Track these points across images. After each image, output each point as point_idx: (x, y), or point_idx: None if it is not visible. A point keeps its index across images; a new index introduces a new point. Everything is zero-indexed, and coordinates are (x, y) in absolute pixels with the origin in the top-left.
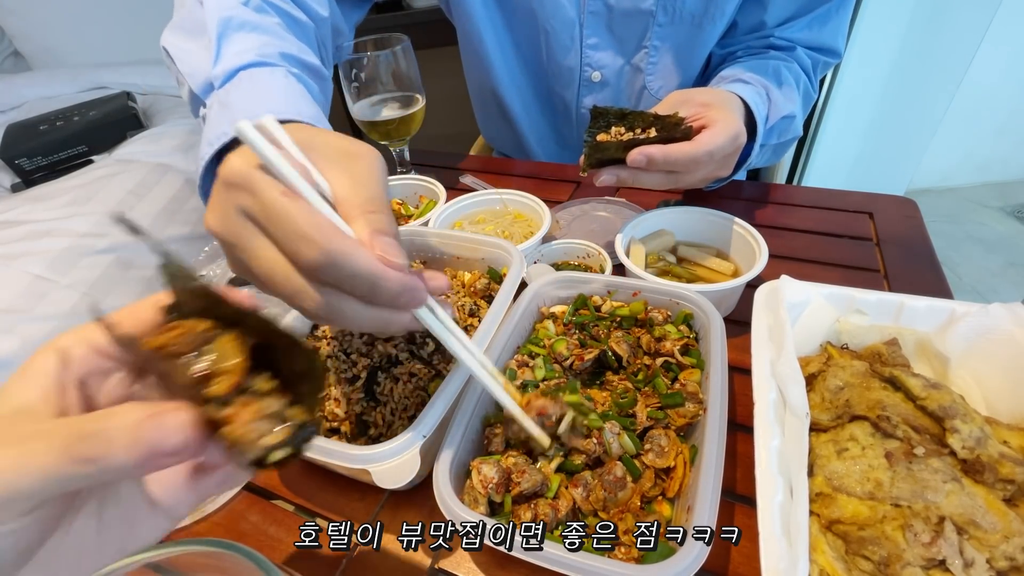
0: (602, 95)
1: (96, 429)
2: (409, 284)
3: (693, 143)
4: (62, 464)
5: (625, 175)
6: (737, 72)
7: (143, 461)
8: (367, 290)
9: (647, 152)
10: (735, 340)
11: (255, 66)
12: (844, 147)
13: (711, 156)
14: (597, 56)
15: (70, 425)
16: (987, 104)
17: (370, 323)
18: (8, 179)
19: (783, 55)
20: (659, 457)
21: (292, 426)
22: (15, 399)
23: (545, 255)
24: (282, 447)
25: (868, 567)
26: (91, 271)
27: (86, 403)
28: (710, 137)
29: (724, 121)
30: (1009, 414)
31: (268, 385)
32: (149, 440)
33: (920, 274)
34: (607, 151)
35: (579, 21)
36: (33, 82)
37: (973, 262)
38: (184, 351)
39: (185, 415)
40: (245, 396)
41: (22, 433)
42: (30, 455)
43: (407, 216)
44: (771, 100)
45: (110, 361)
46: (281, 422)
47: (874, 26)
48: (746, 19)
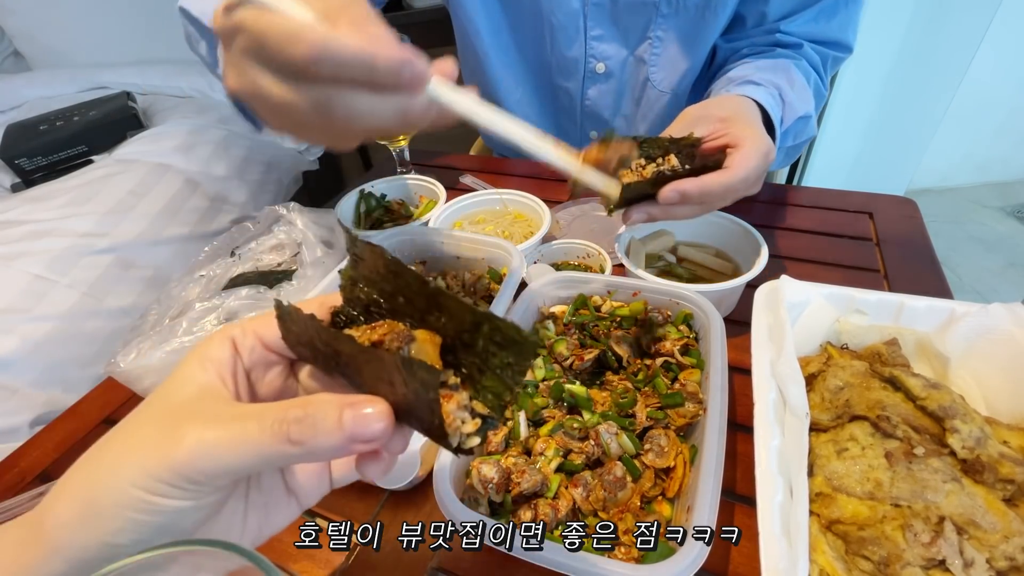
0: (606, 86)
1: (304, 414)
2: (405, 57)
3: (727, 172)
4: (275, 444)
5: (657, 212)
6: (746, 72)
7: (344, 445)
8: (367, 73)
9: (681, 189)
10: (735, 340)
11: None
12: (844, 147)
13: (745, 181)
14: (601, 47)
15: (278, 409)
16: (987, 104)
17: (392, 114)
18: (8, 179)
19: (791, 52)
20: (659, 457)
21: (482, 416)
22: (197, 380)
23: (545, 255)
24: (476, 434)
25: (868, 567)
26: (91, 271)
27: (251, 391)
28: (742, 161)
29: (752, 139)
30: (1009, 414)
31: (455, 380)
32: (353, 427)
33: (920, 274)
34: (638, 190)
35: (583, 12)
36: (33, 82)
37: (973, 262)
38: (393, 348)
39: (383, 406)
40: (445, 390)
41: (228, 413)
42: (244, 433)
43: (407, 216)
44: (785, 102)
45: (272, 354)
46: (470, 414)
47: (874, 26)
48: (750, 12)
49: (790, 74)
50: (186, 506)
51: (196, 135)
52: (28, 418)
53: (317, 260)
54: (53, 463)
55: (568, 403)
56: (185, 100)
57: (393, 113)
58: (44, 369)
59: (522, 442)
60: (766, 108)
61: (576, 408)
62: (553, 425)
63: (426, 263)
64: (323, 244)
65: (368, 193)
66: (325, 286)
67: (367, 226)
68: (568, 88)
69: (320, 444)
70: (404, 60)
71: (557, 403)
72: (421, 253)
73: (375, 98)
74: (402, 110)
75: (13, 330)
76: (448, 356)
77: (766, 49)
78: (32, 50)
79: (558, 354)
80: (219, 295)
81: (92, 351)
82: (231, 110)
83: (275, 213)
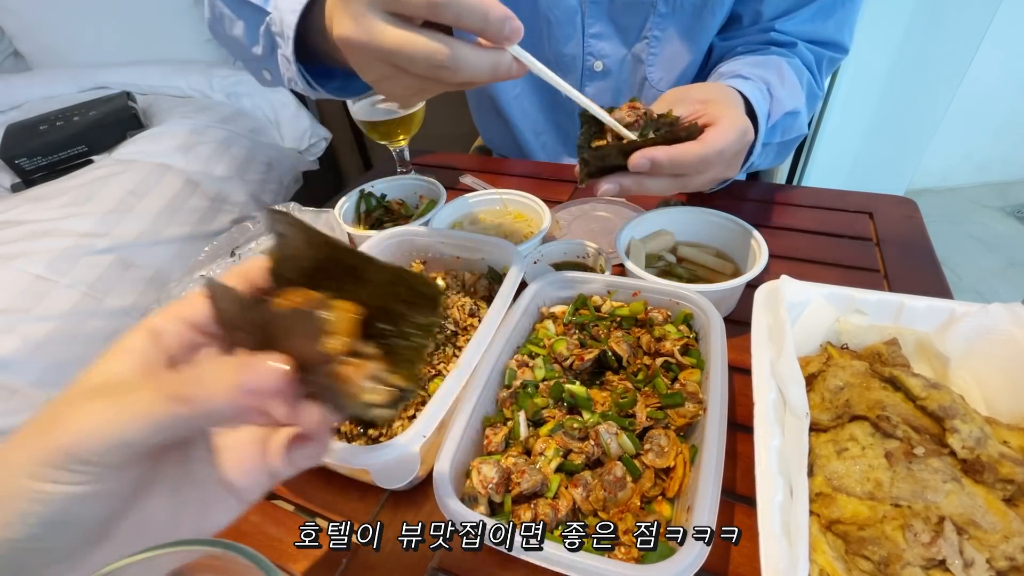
0: (604, 84)
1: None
2: (509, 13)
3: (700, 142)
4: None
5: (628, 183)
6: (735, 67)
7: (237, 401)
8: (480, 20)
9: (650, 155)
10: (735, 340)
11: None
12: (844, 147)
13: (720, 155)
14: (599, 45)
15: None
16: (987, 104)
17: (485, 66)
18: (8, 179)
19: (784, 51)
20: (659, 457)
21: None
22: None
23: (545, 255)
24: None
25: (868, 567)
26: (91, 271)
27: None
28: (717, 134)
29: (729, 116)
30: (1009, 414)
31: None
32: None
33: (920, 274)
34: (606, 158)
35: (581, 10)
36: (33, 82)
37: (973, 262)
38: None
39: (278, 359)
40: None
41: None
42: (131, 404)
43: (407, 216)
44: (773, 96)
45: (201, 336)
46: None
47: (874, 26)
48: (746, 10)
49: (781, 70)
50: (80, 491)
51: (196, 135)
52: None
53: None
54: None
55: (568, 403)
56: (185, 100)
57: (488, 65)
58: (44, 369)
59: (522, 442)
60: (750, 100)
61: (576, 408)
62: (553, 425)
63: (426, 263)
64: None
65: (368, 193)
66: None
67: (367, 226)
68: None
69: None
70: (508, 16)
71: (557, 403)
72: (421, 253)
73: (476, 50)
74: (494, 63)
75: (13, 330)
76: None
77: (760, 47)
78: (32, 50)
79: (558, 354)
80: None
81: (92, 351)
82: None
83: None
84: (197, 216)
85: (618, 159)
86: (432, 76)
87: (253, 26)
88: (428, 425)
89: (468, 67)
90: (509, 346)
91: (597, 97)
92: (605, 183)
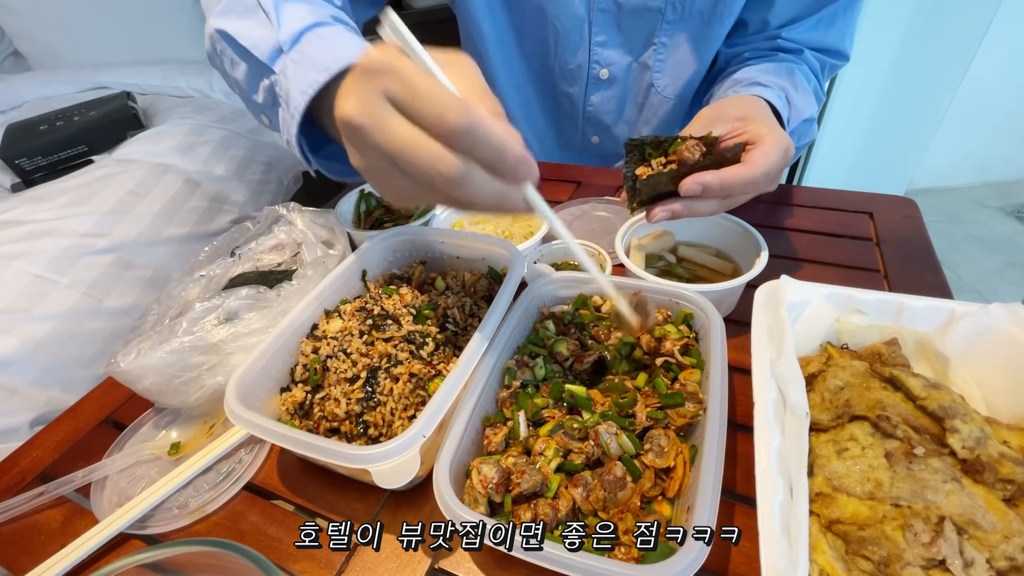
0: (609, 92)
1: None
2: (527, 157)
3: (748, 165)
4: None
5: (679, 207)
6: (752, 75)
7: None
8: (496, 157)
9: (702, 180)
10: (735, 340)
11: (317, 26)
12: (844, 147)
13: (767, 176)
14: (605, 54)
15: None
16: (987, 104)
17: (492, 196)
18: (8, 179)
19: (792, 57)
20: (659, 457)
21: None
22: None
23: (545, 255)
24: None
25: (868, 567)
26: (91, 271)
27: None
28: (763, 156)
29: (771, 136)
30: (1009, 414)
31: None
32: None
33: (920, 274)
34: (657, 185)
35: (588, 18)
36: (33, 82)
37: (973, 262)
38: None
39: None
40: None
41: None
42: None
43: (407, 216)
44: (791, 104)
45: None
46: None
47: (874, 26)
48: (753, 18)
49: (794, 77)
50: None
51: (196, 135)
52: (28, 418)
53: (317, 260)
54: (53, 463)
55: (568, 403)
56: (185, 100)
57: (494, 193)
58: (44, 369)
59: (522, 442)
60: (776, 107)
61: (576, 408)
62: (553, 425)
63: (426, 263)
64: (323, 244)
65: (368, 193)
66: (325, 286)
67: (367, 226)
68: (570, 93)
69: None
70: (526, 158)
71: (557, 403)
72: (421, 253)
73: (488, 177)
74: (502, 196)
75: (13, 330)
76: None
77: (768, 54)
78: (32, 50)
79: (558, 354)
80: (219, 295)
81: (92, 351)
82: (230, 110)
83: (275, 213)
84: (197, 216)
85: (668, 185)
86: (431, 186)
87: (255, 76)
88: (428, 425)
89: (476, 190)
90: (509, 346)
91: (602, 104)
92: (659, 210)
